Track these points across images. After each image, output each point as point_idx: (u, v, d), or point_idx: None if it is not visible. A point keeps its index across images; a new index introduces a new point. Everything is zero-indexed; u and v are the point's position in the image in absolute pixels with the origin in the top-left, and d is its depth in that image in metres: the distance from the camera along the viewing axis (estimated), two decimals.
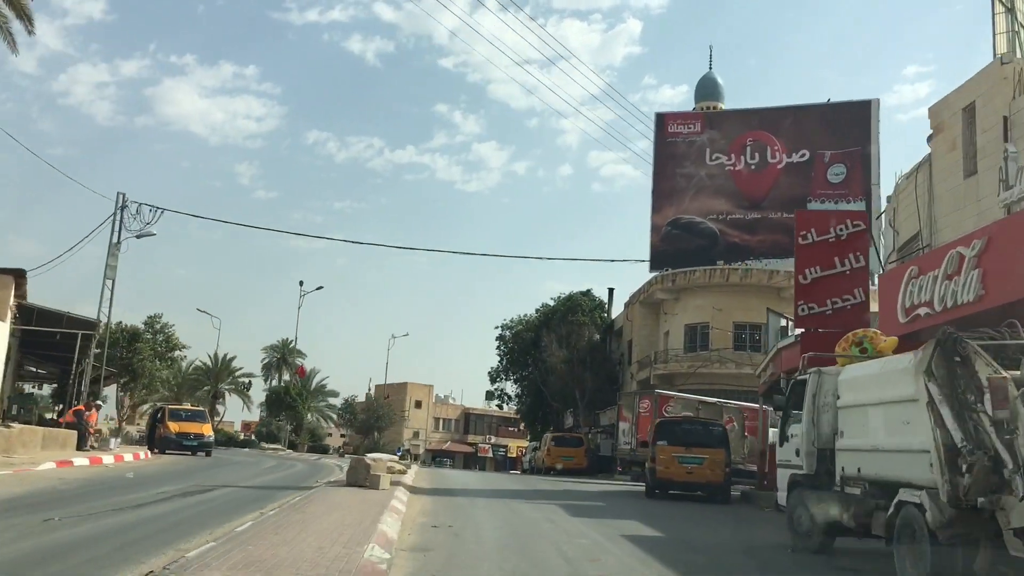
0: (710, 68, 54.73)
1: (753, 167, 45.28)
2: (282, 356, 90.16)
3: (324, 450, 53.13)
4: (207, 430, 35.16)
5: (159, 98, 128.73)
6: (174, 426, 34.32)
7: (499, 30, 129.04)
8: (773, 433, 15.73)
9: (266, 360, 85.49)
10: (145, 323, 33.99)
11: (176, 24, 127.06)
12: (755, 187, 45.15)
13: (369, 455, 36.89)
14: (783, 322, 26.14)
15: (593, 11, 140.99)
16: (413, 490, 17.91)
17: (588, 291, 51.45)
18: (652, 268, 45.93)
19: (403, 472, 26.72)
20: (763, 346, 40.14)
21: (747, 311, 41.00)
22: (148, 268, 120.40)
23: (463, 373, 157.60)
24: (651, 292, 44.19)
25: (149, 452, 30.02)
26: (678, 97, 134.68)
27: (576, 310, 48.91)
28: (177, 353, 35.29)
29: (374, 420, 41.37)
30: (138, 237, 31.94)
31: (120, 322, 32.68)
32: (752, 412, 31.03)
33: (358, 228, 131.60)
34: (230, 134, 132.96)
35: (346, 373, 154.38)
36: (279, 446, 51.96)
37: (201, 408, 37.53)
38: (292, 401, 51.88)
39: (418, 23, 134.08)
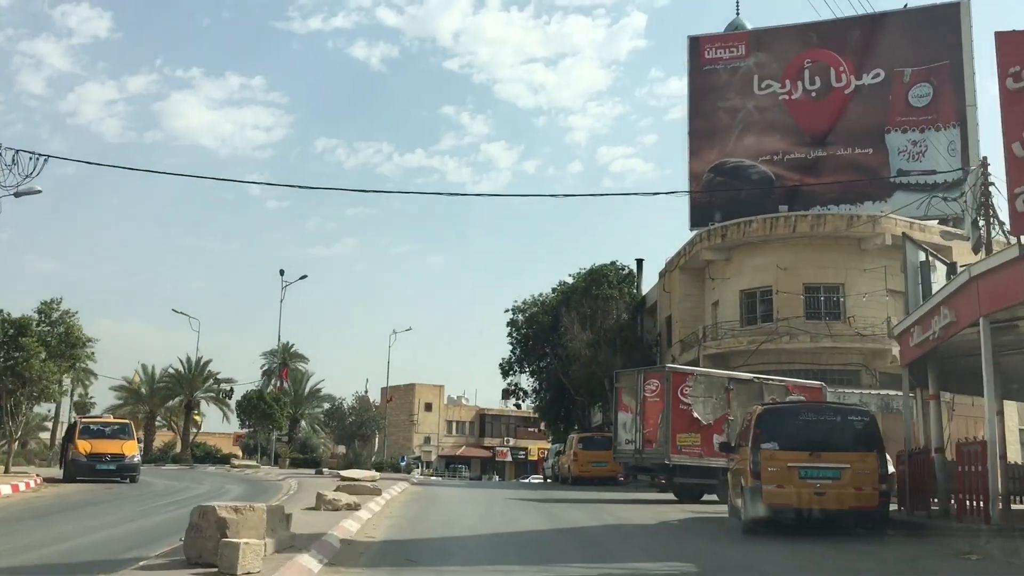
0: (737, 13, 45.31)
1: (814, 94, 36.61)
2: (283, 361, 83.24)
3: (315, 464, 44.86)
4: (130, 449, 26.81)
5: (167, 112, 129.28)
6: (85, 445, 26.07)
7: (503, 29, 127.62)
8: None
9: (265, 367, 78.28)
10: (39, 310, 25.67)
11: (181, 38, 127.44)
12: (817, 119, 36.51)
13: (345, 472, 28.44)
14: (923, 256, 17.34)
15: (597, 6, 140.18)
16: (337, 560, 9.39)
17: (614, 262, 42.72)
18: (693, 225, 37.41)
19: (375, 493, 18.52)
20: (842, 312, 31.48)
21: (821, 269, 32.33)
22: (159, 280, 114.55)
23: (477, 373, 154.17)
24: (694, 253, 35.53)
25: (40, 480, 21.71)
26: (685, 89, 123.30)
27: (601, 282, 40.27)
28: (87, 349, 26.74)
29: (356, 427, 33.24)
30: (16, 196, 23.54)
31: (1, 310, 24.37)
32: (811, 393, 22.78)
33: (371, 233, 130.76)
34: (239, 145, 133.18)
35: (354, 379, 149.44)
36: (252, 462, 43.62)
37: (124, 421, 29.27)
38: (267, 408, 43.75)
39: (421, 26, 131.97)
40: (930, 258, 17.24)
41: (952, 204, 31.90)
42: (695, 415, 21.52)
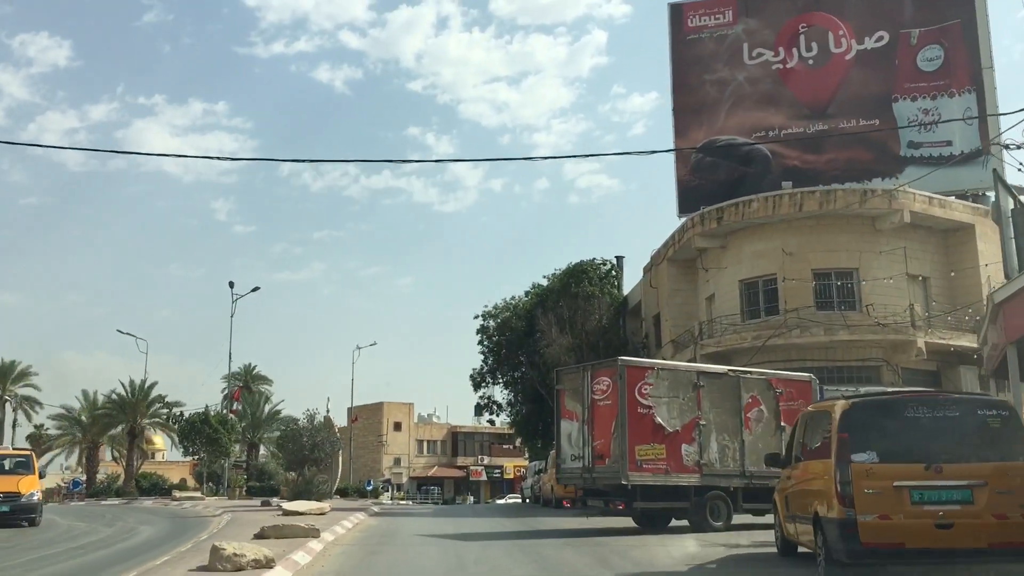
0: None
1: (811, 62, 32.98)
2: (244, 384, 78.42)
3: (274, 492, 40.26)
4: (28, 486, 22.03)
5: (130, 140, 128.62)
6: None
7: (465, 50, 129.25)
8: None
9: (225, 390, 73.41)
10: None
11: (143, 65, 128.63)
12: (816, 89, 32.86)
13: (288, 504, 23.95)
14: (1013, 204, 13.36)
15: (558, 24, 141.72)
16: None
17: (593, 258, 38.54)
18: (682, 211, 33.48)
19: (310, 535, 14.41)
20: (858, 300, 27.66)
21: (832, 253, 28.53)
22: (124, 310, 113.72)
23: (448, 390, 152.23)
24: (685, 242, 31.56)
25: None
26: (647, 104, 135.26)
27: (581, 279, 36.14)
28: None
29: (308, 450, 28.78)
30: None
31: None
32: (799, 387, 18.98)
33: (339, 257, 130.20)
34: (204, 171, 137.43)
35: (321, 401, 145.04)
36: (196, 493, 38.88)
37: (24, 453, 24.39)
38: (212, 432, 39.11)
39: (384, 48, 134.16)
40: None
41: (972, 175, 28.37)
42: (658, 420, 17.07)
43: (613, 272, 37.11)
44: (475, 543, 15.30)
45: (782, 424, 18.26)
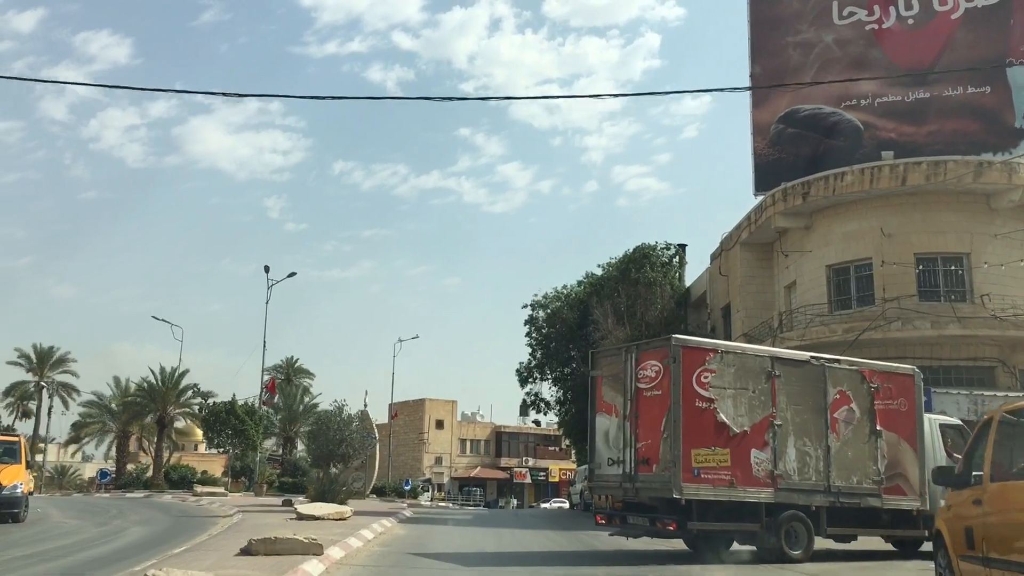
0: None
1: (911, 22, 28.97)
2: (286, 377, 76.33)
3: (302, 490, 37.47)
4: (10, 477, 19.30)
5: (186, 137, 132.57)
6: None
7: (518, 52, 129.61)
8: None
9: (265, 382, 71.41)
10: None
11: (200, 64, 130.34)
12: (916, 52, 28.86)
13: (304, 507, 20.91)
14: None
15: (611, 27, 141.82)
16: None
17: (655, 243, 34.75)
18: (758, 189, 29.76)
19: (310, 551, 11.31)
20: (969, 290, 23.80)
21: (938, 235, 24.69)
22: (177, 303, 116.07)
23: (493, 389, 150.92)
24: (763, 222, 27.86)
25: None
26: (700, 108, 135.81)
27: (642, 264, 32.53)
28: None
29: (335, 445, 25.63)
30: None
31: None
32: (901, 382, 15.45)
33: (387, 255, 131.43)
34: (257, 169, 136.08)
35: (359, 397, 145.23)
36: (219, 488, 36.06)
37: (12, 439, 21.59)
38: (239, 423, 36.33)
39: (436, 49, 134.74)
40: None
41: None
42: (721, 418, 13.55)
43: (677, 258, 33.40)
44: (522, 570, 11.92)
45: (878, 428, 14.89)
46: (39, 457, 55.54)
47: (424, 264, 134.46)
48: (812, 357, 15.14)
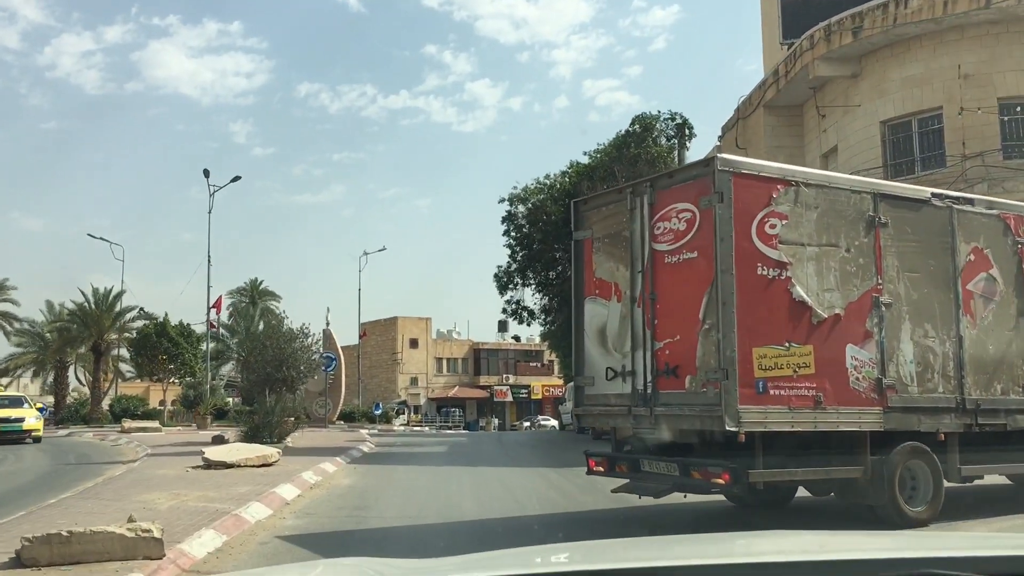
0: None
1: None
2: (251, 299, 71.59)
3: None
4: None
5: (146, 62, 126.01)
6: None
7: None
8: None
9: (232, 304, 66.31)
10: None
11: None
12: None
13: (214, 451, 15.61)
14: None
15: None
16: None
17: (659, 113, 28.90)
18: (787, 35, 24.18)
19: (150, 552, 5.75)
20: None
21: None
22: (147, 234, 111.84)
23: (469, 307, 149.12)
24: (797, 73, 22.28)
25: None
26: (669, 18, 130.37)
27: (643, 138, 26.95)
28: None
29: (273, 368, 20.37)
30: None
31: None
32: None
33: (358, 178, 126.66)
34: (221, 93, 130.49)
35: (334, 321, 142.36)
36: (152, 423, 30.78)
37: None
38: (172, 346, 30.91)
39: None
40: None
41: None
42: (799, 294, 8.50)
43: (687, 129, 27.72)
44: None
45: None
46: None
47: (396, 186, 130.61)
48: (934, 194, 9.83)
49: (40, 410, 49.68)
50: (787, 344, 8.40)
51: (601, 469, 9.46)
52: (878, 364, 8.88)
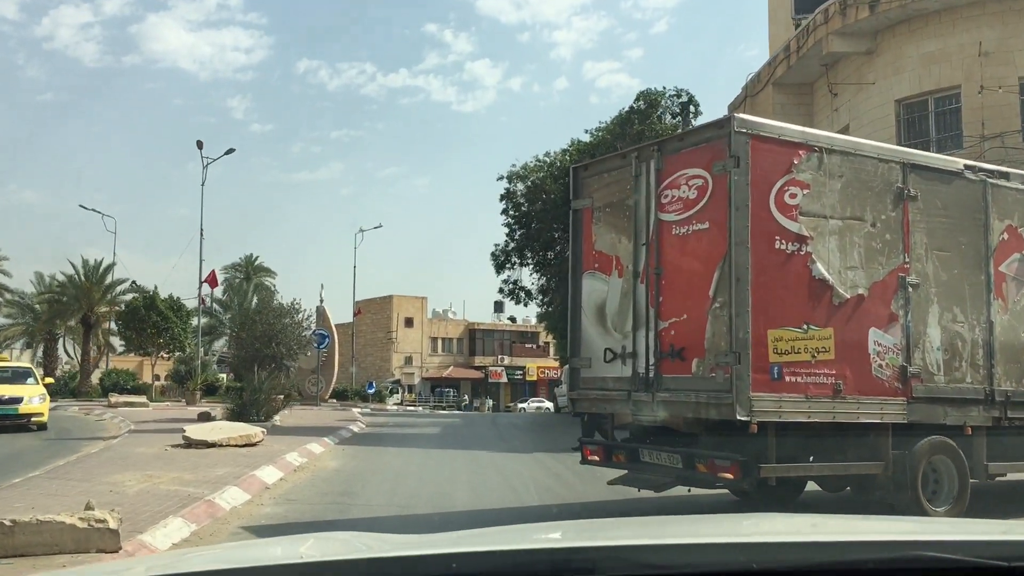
0: None
1: None
2: (246, 275, 71.03)
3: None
4: None
5: (145, 35, 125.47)
6: None
7: None
8: None
9: (226, 280, 65.69)
10: None
11: None
12: None
13: (193, 429, 14.93)
14: None
15: None
16: None
17: (664, 88, 28.10)
18: (799, 10, 23.40)
19: (103, 543, 5.06)
20: None
21: None
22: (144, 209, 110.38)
23: (465, 287, 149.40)
24: (810, 49, 21.52)
25: None
26: (670, 1, 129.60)
27: (648, 115, 26.21)
28: None
29: (262, 344, 19.75)
30: None
31: None
32: None
33: (357, 157, 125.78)
34: (219, 68, 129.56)
35: (329, 298, 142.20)
36: (139, 397, 30.13)
37: None
38: (161, 320, 30.28)
39: None
40: None
41: None
42: (820, 272, 7.79)
43: (692, 106, 26.93)
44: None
45: None
46: None
47: (394, 165, 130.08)
48: (967, 166, 9.09)
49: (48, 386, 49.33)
50: (805, 326, 7.71)
51: (596, 459, 8.77)
52: (903, 350, 8.21)
